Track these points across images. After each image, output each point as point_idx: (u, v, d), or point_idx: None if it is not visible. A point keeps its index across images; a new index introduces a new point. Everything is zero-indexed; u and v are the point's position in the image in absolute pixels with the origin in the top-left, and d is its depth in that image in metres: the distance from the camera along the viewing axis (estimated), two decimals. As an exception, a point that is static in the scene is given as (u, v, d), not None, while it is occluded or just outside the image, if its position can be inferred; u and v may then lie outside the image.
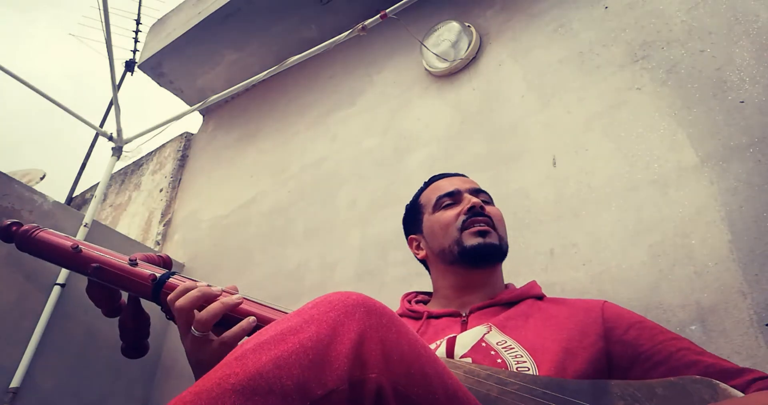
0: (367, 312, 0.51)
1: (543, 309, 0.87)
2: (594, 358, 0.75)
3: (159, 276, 0.71)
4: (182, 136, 2.91)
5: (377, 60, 2.16)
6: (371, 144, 1.93)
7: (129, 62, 3.06)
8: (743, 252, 1.04)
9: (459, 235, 0.93)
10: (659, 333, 0.78)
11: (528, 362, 0.73)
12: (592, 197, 1.31)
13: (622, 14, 1.53)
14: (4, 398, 1.55)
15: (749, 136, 1.15)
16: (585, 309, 0.84)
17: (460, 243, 0.92)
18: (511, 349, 0.76)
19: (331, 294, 0.53)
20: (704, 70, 1.29)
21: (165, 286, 0.70)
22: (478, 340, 0.78)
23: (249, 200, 2.23)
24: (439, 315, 0.92)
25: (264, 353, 0.46)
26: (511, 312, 0.87)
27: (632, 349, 0.76)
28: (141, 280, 0.71)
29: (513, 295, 0.92)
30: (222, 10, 2.38)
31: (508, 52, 1.75)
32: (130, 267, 0.72)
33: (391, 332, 0.50)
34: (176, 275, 0.72)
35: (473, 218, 0.93)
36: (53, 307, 1.72)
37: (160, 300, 0.70)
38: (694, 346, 0.76)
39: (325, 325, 0.48)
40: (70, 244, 0.75)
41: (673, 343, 0.75)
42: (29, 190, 1.82)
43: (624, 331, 0.78)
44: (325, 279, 1.72)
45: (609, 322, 0.80)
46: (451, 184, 1.02)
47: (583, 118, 1.44)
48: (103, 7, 2.02)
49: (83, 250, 0.74)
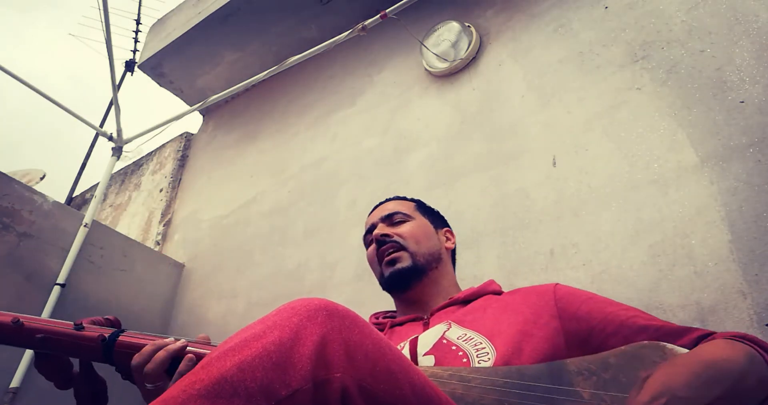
0: (328, 315, 0.52)
1: (500, 300, 0.90)
2: (549, 336, 0.78)
3: (108, 336, 0.69)
4: (182, 136, 2.91)
5: (377, 60, 2.16)
6: (371, 144, 1.93)
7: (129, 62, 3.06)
8: (743, 252, 1.04)
9: (380, 267, 1.01)
10: (608, 305, 0.81)
11: (487, 347, 0.76)
12: (592, 197, 1.31)
13: (622, 14, 1.53)
14: (4, 398, 1.55)
15: (749, 136, 1.15)
16: (537, 293, 0.88)
17: (383, 275, 1.00)
18: (471, 340, 0.79)
19: (294, 301, 0.55)
20: (704, 70, 1.29)
21: (116, 344, 0.69)
22: (439, 338, 0.81)
23: (249, 200, 2.23)
24: (403, 322, 0.96)
25: (228, 359, 0.47)
26: (469, 307, 0.90)
27: (585, 323, 0.79)
28: (89, 342, 0.69)
29: (470, 293, 0.95)
30: (222, 10, 2.38)
31: (508, 52, 1.75)
32: (77, 331, 0.70)
33: (353, 333, 0.52)
34: (126, 332, 0.71)
35: (380, 249, 1.00)
36: (53, 307, 1.72)
37: (113, 360, 0.69)
38: (643, 313, 0.79)
39: (287, 329, 0.50)
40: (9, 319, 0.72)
41: (623, 313, 0.78)
42: (29, 190, 1.82)
43: (576, 307, 0.81)
44: (325, 279, 1.72)
45: (561, 301, 0.83)
46: (370, 220, 1.09)
47: (583, 118, 1.44)
48: (103, 7, 2.02)
49: (24, 323, 0.71)
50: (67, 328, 0.71)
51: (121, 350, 0.68)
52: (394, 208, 1.08)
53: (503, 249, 1.38)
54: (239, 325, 0.69)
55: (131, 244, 2.12)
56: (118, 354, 0.68)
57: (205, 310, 2.03)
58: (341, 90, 2.22)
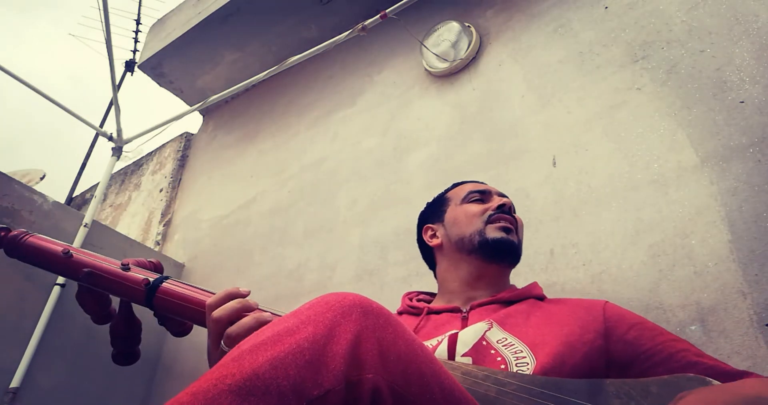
0: (363, 313, 0.51)
1: (544, 308, 0.88)
2: (592, 354, 0.76)
3: (152, 280, 0.70)
4: (182, 136, 2.91)
5: (377, 60, 2.16)
6: (371, 144, 1.93)
7: (129, 62, 3.06)
8: (743, 252, 1.04)
9: (483, 226, 0.95)
10: (660, 334, 0.78)
11: (527, 357, 0.74)
12: (592, 197, 1.31)
13: (622, 14, 1.53)
14: (4, 398, 1.55)
15: (749, 136, 1.15)
16: (586, 307, 0.85)
17: (482, 234, 0.94)
18: (511, 346, 0.77)
19: (327, 295, 0.53)
20: (704, 70, 1.29)
21: (158, 290, 0.69)
22: (479, 339, 0.79)
23: (249, 200, 2.23)
24: (440, 310, 0.92)
25: (260, 354, 0.46)
26: (512, 310, 0.87)
27: (632, 348, 0.76)
28: (134, 284, 0.70)
29: (514, 294, 0.93)
30: (222, 10, 2.38)
31: (508, 52, 1.75)
32: (123, 271, 0.71)
33: (387, 332, 0.50)
34: (169, 280, 0.71)
35: (500, 214, 0.96)
36: (53, 307, 1.72)
37: (153, 305, 0.69)
38: (693, 348, 0.76)
39: (321, 325, 0.48)
40: (60, 248, 0.73)
41: (673, 345, 0.76)
42: (29, 190, 1.82)
43: (625, 331, 0.79)
44: (325, 279, 1.72)
45: (610, 321, 0.81)
46: (484, 186, 1.07)
47: (583, 118, 1.44)
48: (103, 7, 2.02)
49: (74, 255, 0.73)
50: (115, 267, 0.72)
51: (163, 296, 0.68)
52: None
53: (503, 249, 1.38)
54: (239, 325, 0.69)
55: (131, 244, 2.12)
56: (159, 300, 0.68)
57: (205, 310, 2.03)
58: (341, 90, 2.22)
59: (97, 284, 0.72)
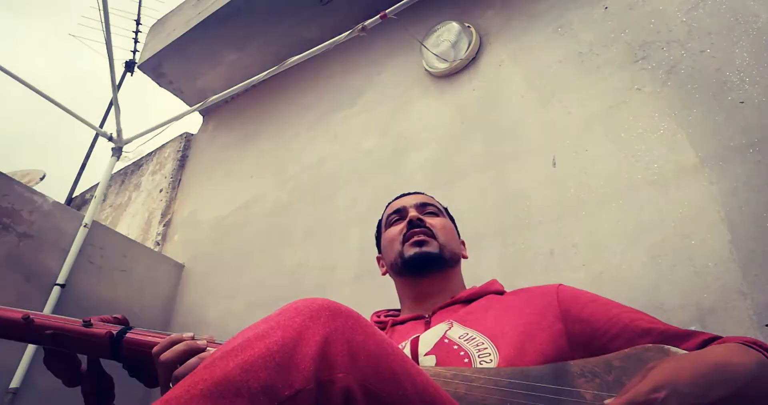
0: (332, 315, 0.52)
1: (502, 301, 0.90)
2: (552, 338, 0.77)
3: (116, 332, 0.70)
4: (182, 136, 2.91)
5: (377, 60, 2.16)
6: (371, 144, 1.93)
7: (129, 62, 3.06)
8: (743, 252, 1.04)
9: (401, 247, 0.99)
10: (613, 307, 0.81)
11: (489, 348, 0.76)
12: (592, 197, 1.31)
13: (622, 14, 1.53)
14: (4, 398, 1.55)
15: (749, 137, 1.15)
16: (541, 294, 0.87)
17: (402, 254, 0.99)
18: (473, 340, 0.79)
19: (297, 301, 0.55)
20: (704, 71, 1.29)
21: (123, 341, 0.70)
22: (440, 337, 0.81)
23: (249, 200, 2.23)
24: (404, 320, 0.96)
25: (231, 359, 0.47)
26: (471, 307, 0.90)
27: (589, 326, 0.79)
28: (98, 339, 0.71)
29: (473, 293, 0.95)
30: (222, 11, 2.38)
31: (508, 52, 1.75)
32: (85, 328, 0.71)
33: (356, 334, 0.52)
34: (133, 329, 0.72)
35: (412, 230, 0.99)
36: (53, 307, 1.72)
37: (121, 356, 0.70)
38: (646, 315, 0.79)
39: (290, 329, 0.50)
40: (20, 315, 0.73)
41: (626, 315, 0.78)
42: (29, 191, 1.82)
43: (579, 309, 0.81)
44: (325, 279, 1.72)
45: (564, 303, 0.83)
46: (401, 202, 1.09)
47: (583, 119, 1.44)
48: (102, 7, 2.02)
49: (35, 319, 0.72)
50: (76, 325, 0.72)
51: (128, 347, 0.69)
52: (428, 200, 1.09)
53: (503, 249, 1.38)
54: (239, 326, 0.69)
55: (131, 244, 2.12)
56: (125, 350, 0.69)
57: (204, 311, 2.03)
58: (341, 90, 2.22)
59: (62, 345, 0.72)
